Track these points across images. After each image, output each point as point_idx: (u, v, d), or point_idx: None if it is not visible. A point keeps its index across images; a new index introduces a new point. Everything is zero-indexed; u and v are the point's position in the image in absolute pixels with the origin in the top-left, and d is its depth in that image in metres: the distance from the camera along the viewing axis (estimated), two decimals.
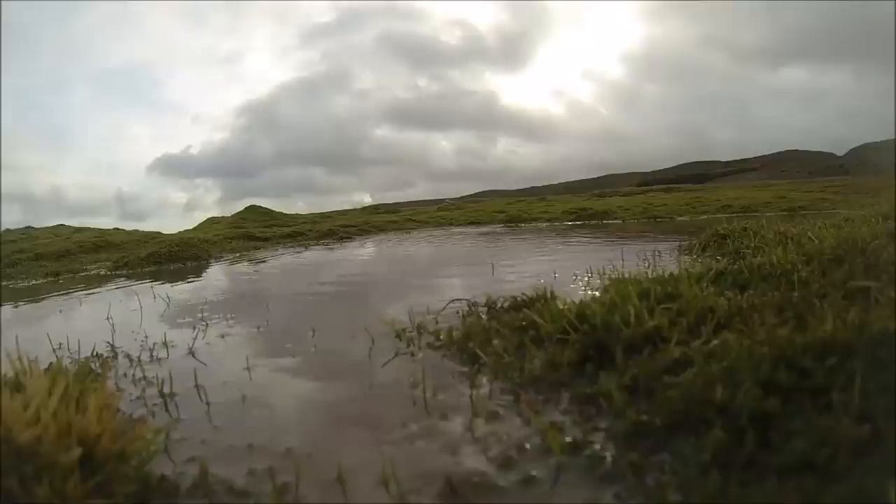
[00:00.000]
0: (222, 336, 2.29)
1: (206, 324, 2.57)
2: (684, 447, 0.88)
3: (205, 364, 1.81)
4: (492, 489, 0.88)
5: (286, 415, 1.34)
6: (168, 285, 4.94)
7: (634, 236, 7.21)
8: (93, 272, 7.12)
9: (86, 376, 1.12)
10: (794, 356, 0.98)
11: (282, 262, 6.90)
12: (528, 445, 1.01)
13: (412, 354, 1.68)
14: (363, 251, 7.97)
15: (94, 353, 2.01)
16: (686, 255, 3.54)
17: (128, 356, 1.98)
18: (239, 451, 1.09)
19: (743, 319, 1.29)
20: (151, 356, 1.95)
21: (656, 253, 3.66)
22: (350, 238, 11.57)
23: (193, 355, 1.94)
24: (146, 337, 2.30)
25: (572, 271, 3.16)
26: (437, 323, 1.96)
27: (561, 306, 1.57)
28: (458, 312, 2.08)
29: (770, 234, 3.13)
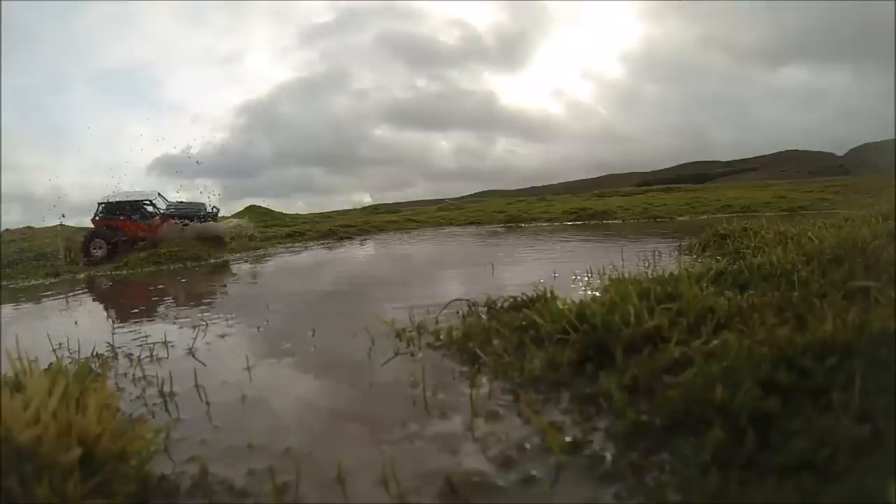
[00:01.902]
0: (222, 336, 2.29)
1: (206, 324, 2.57)
2: (684, 447, 0.88)
3: (204, 364, 1.81)
4: (492, 489, 0.88)
5: (286, 414, 1.34)
6: (168, 285, 4.94)
7: (634, 236, 7.21)
8: (93, 272, 7.12)
9: (86, 376, 1.12)
10: (794, 356, 0.98)
11: (282, 261, 6.90)
12: (528, 445, 1.01)
13: (412, 354, 1.68)
14: (363, 251, 7.97)
15: (94, 353, 2.01)
16: (686, 255, 3.54)
17: (128, 356, 1.98)
18: (239, 451, 1.09)
19: (743, 319, 1.29)
20: (151, 356, 1.95)
21: (656, 253, 3.66)
22: (350, 238, 11.58)
23: (193, 355, 1.94)
24: (146, 336, 2.30)
25: (572, 271, 3.16)
26: (437, 323, 1.96)
27: (561, 306, 1.57)
28: (458, 312, 2.08)
29: (770, 234, 3.13)
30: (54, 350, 2.10)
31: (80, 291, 4.98)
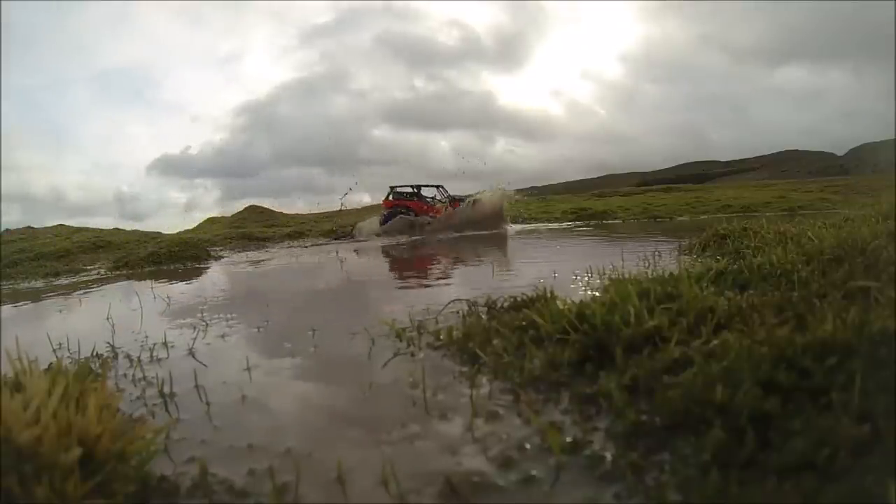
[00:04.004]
0: (222, 336, 2.29)
1: (206, 324, 2.57)
2: (684, 447, 0.88)
3: (204, 364, 1.81)
4: (492, 489, 0.88)
5: (286, 415, 1.34)
6: (168, 285, 4.94)
7: (634, 236, 7.21)
8: (93, 272, 7.12)
9: (86, 376, 1.12)
10: (794, 356, 0.98)
11: (282, 261, 6.91)
12: (528, 445, 1.01)
13: (412, 354, 1.68)
14: (362, 250, 7.97)
15: (94, 353, 2.01)
16: (686, 255, 3.54)
17: (128, 356, 1.98)
18: (239, 451, 1.09)
19: (743, 319, 1.29)
20: (151, 356, 1.95)
21: (656, 253, 3.66)
22: (350, 237, 11.59)
23: (193, 355, 1.94)
24: (146, 337, 2.30)
25: (572, 271, 3.16)
26: (437, 323, 1.96)
27: (561, 306, 1.57)
28: (458, 312, 2.08)
29: (770, 234, 3.13)
30: (54, 350, 2.10)
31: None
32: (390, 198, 12.59)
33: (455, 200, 12.46)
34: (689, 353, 1.12)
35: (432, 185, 12.90)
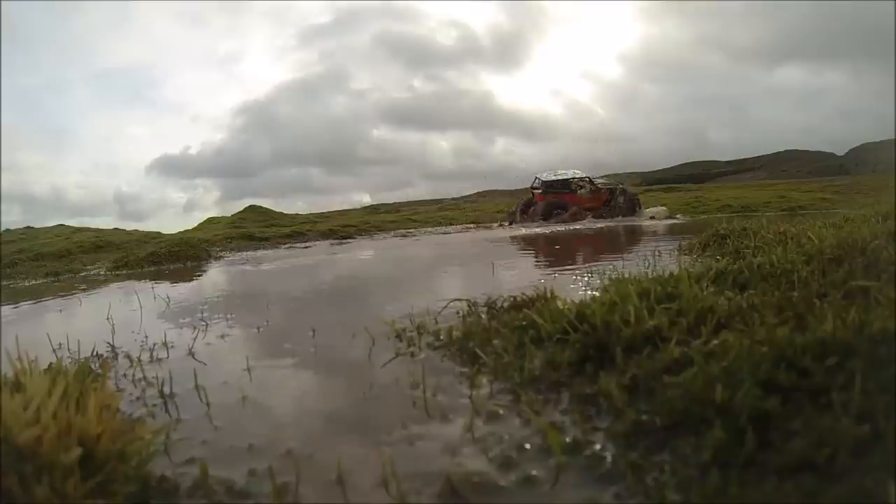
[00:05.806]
0: (222, 336, 2.29)
1: (206, 324, 2.57)
2: (684, 447, 0.88)
3: (205, 364, 1.81)
4: (492, 489, 0.88)
5: (286, 415, 1.34)
6: (168, 285, 4.94)
7: (633, 236, 7.21)
8: (93, 272, 7.12)
9: (86, 376, 1.12)
10: (794, 356, 0.97)
11: (282, 262, 6.90)
12: (528, 445, 1.01)
13: (412, 355, 1.68)
14: (363, 251, 7.98)
15: (94, 353, 2.01)
16: (686, 255, 3.54)
17: (128, 356, 1.98)
18: (239, 452, 1.09)
19: (743, 319, 1.29)
20: (151, 356, 1.95)
21: (656, 253, 3.66)
22: (350, 238, 11.60)
23: (193, 356, 1.94)
24: (146, 337, 2.30)
25: (573, 271, 3.16)
26: (437, 323, 1.96)
27: (561, 306, 1.57)
28: (458, 312, 2.07)
29: (770, 233, 3.13)
30: (54, 350, 2.10)
31: None
32: (540, 191, 13.29)
33: (600, 189, 12.93)
34: (689, 353, 1.12)
35: (580, 177, 13.43)
